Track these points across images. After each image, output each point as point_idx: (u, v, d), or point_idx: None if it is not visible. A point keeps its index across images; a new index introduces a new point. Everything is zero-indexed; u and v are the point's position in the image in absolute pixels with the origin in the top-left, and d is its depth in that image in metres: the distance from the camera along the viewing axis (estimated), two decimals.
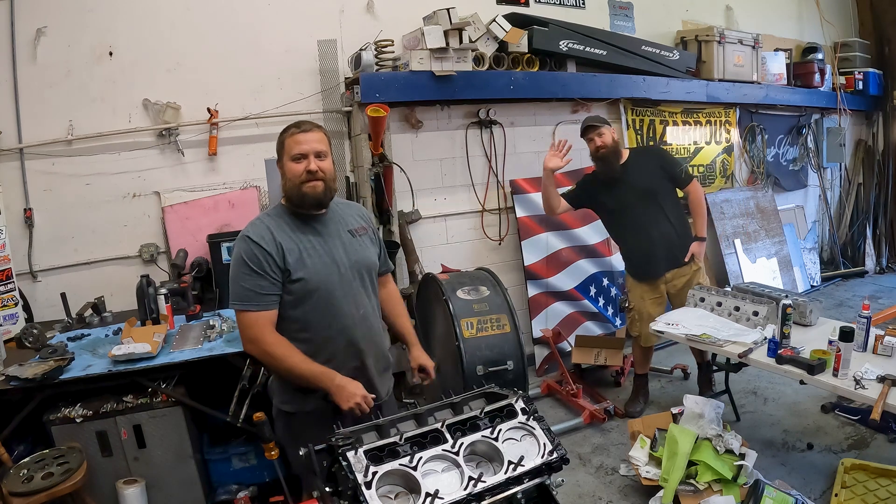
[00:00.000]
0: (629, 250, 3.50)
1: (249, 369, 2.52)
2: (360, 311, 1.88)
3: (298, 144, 1.78)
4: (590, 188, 3.49)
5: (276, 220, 1.82)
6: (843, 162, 6.65)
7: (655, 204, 3.31)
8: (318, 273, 1.79)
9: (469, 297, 3.21)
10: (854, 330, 2.41)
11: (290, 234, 1.80)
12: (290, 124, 1.85)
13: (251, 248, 1.75)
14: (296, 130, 1.80)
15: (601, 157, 3.30)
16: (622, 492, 2.85)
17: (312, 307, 1.80)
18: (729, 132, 5.48)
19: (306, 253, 1.79)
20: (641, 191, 3.29)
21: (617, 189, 3.32)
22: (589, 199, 3.50)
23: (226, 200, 3.63)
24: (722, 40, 4.99)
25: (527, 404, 1.59)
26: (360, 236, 1.94)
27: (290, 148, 1.80)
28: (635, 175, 3.30)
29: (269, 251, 1.74)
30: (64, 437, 2.42)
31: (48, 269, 3.35)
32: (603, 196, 3.41)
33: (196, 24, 3.51)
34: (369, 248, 1.96)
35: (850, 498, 2.55)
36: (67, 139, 3.30)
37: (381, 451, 1.39)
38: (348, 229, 1.92)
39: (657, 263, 3.38)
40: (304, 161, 1.78)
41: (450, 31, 3.60)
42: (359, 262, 1.89)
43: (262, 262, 1.74)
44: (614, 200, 3.36)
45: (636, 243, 3.40)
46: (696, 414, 2.78)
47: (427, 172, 4.05)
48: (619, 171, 3.30)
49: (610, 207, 3.43)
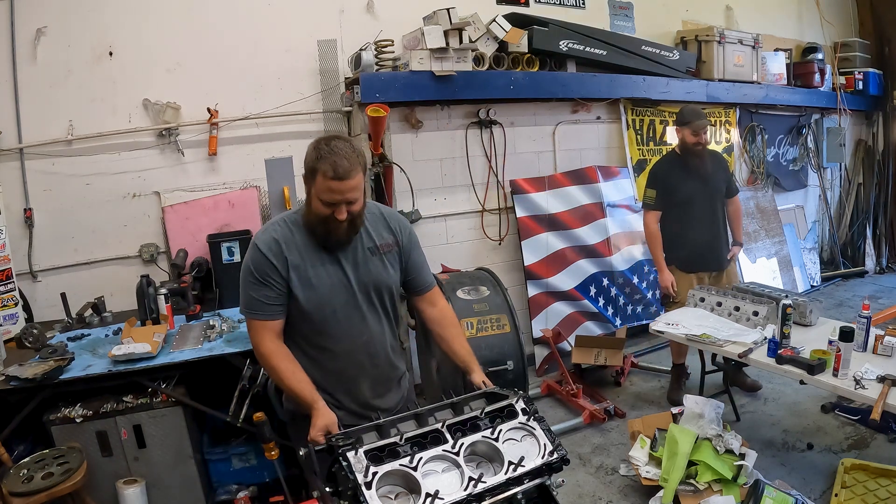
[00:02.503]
0: (687, 241, 3.54)
1: (249, 369, 2.52)
2: (363, 338, 1.82)
3: (331, 192, 1.63)
4: (666, 173, 3.57)
5: (290, 232, 1.75)
6: (843, 162, 6.65)
7: (719, 204, 3.57)
8: (321, 297, 1.74)
9: (469, 297, 3.21)
10: (854, 330, 2.41)
11: (301, 250, 1.74)
12: (326, 151, 1.62)
13: (257, 257, 1.72)
14: (332, 175, 1.60)
15: (697, 153, 3.44)
16: (622, 492, 2.85)
17: (311, 326, 1.78)
18: (729, 132, 5.48)
19: (313, 272, 1.74)
20: (712, 189, 3.50)
21: (693, 181, 3.46)
22: (662, 186, 3.56)
23: (226, 200, 3.63)
24: (722, 40, 4.99)
25: (527, 404, 1.58)
26: (383, 254, 1.83)
27: (321, 189, 1.64)
28: (711, 174, 3.50)
29: (275, 264, 1.71)
30: (64, 437, 2.42)
31: (48, 269, 3.35)
32: (676, 182, 3.50)
33: (196, 24, 3.51)
34: (387, 268, 1.84)
35: (850, 498, 2.55)
36: (67, 139, 3.30)
37: (382, 451, 1.39)
38: (368, 246, 1.81)
39: (711, 257, 3.57)
40: (333, 208, 1.65)
41: (450, 31, 3.60)
42: (370, 284, 1.80)
43: (267, 273, 1.71)
44: (687, 191, 3.48)
45: (697, 235, 3.52)
46: (696, 414, 2.78)
47: (427, 172, 4.05)
48: (706, 164, 3.48)
49: (680, 196, 3.50)
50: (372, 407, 1.84)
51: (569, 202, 4.44)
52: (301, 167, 1.74)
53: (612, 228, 4.60)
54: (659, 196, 3.53)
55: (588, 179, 4.56)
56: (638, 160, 4.89)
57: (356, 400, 1.85)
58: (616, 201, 4.70)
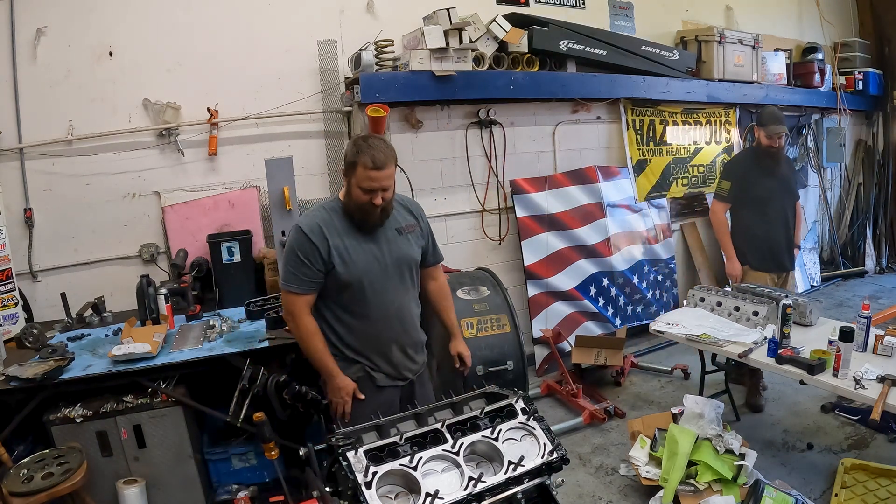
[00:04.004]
0: (762, 239, 3.55)
1: (249, 369, 2.52)
2: (395, 305, 2.10)
3: (370, 181, 1.91)
4: (744, 168, 3.59)
5: (329, 217, 2.02)
6: (843, 162, 6.65)
7: (789, 206, 3.61)
8: (358, 271, 2.01)
9: (469, 297, 3.21)
10: (854, 330, 2.41)
11: (340, 233, 2.01)
12: (365, 146, 1.92)
13: (301, 239, 1.97)
14: (371, 166, 1.89)
15: (770, 154, 3.47)
16: (622, 492, 2.85)
17: (350, 297, 2.03)
18: (729, 132, 5.47)
19: (353, 250, 2.01)
20: (785, 190, 3.53)
21: (768, 181, 3.49)
22: (738, 180, 3.57)
23: (226, 200, 3.63)
24: (722, 40, 4.99)
25: (527, 404, 1.59)
26: (408, 234, 2.13)
27: (361, 178, 1.92)
28: (786, 174, 3.54)
29: (317, 245, 1.96)
30: (64, 437, 2.42)
31: (48, 269, 3.35)
32: (754, 179, 3.51)
33: (196, 24, 3.51)
34: (412, 246, 2.14)
35: (850, 498, 2.55)
36: (67, 139, 3.30)
37: (382, 451, 1.39)
38: (396, 227, 2.10)
39: (782, 257, 3.59)
40: (370, 194, 1.93)
41: (450, 31, 3.60)
42: (400, 259, 2.09)
43: (309, 253, 1.96)
44: (763, 189, 3.50)
45: (772, 234, 3.53)
46: (696, 414, 2.78)
47: (427, 172, 4.05)
48: (781, 166, 3.51)
49: (755, 193, 3.53)
50: (404, 368, 2.15)
51: (569, 202, 4.44)
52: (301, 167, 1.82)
53: (612, 228, 4.60)
54: (733, 189, 3.57)
55: (588, 179, 4.56)
56: (638, 160, 4.89)
57: (390, 363, 2.12)
58: (616, 201, 4.70)
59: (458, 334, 2.39)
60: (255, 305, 2.98)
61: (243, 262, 3.39)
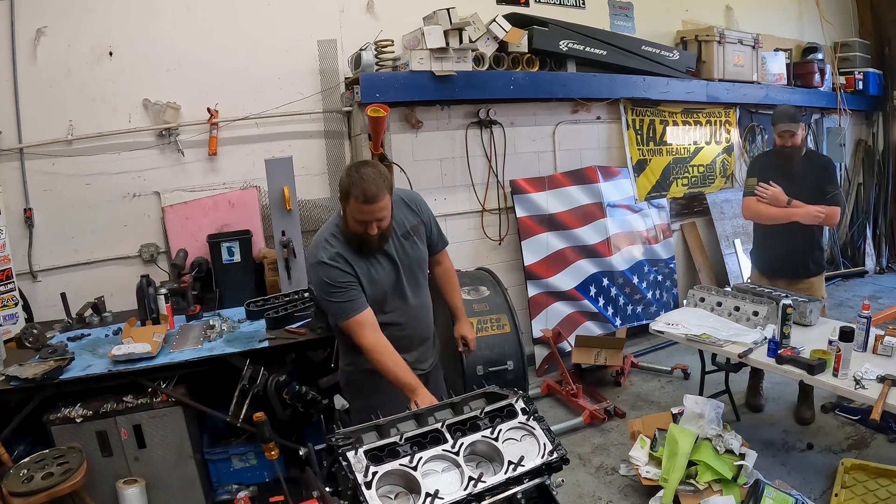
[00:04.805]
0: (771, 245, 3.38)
1: (249, 369, 2.52)
2: (415, 305, 2.18)
3: (362, 213, 1.91)
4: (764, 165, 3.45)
5: (340, 246, 2.01)
6: (843, 162, 6.64)
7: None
8: (383, 286, 2.07)
9: (469, 297, 3.21)
10: (854, 330, 2.41)
11: (357, 258, 2.02)
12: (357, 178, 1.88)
13: (329, 270, 1.97)
14: (362, 199, 1.88)
15: (784, 153, 3.32)
16: (622, 492, 2.85)
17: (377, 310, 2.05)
18: (729, 132, 5.48)
19: (373, 269, 2.05)
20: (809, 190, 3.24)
21: (785, 180, 3.30)
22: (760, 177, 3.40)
23: (226, 200, 3.63)
24: (722, 40, 4.99)
25: (527, 404, 1.59)
26: (413, 235, 2.14)
27: (354, 211, 1.92)
28: (805, 174, 3.31)
29: (347, 270, 1.98)
30: (64, 437, 2.42)
31: (48, 269, 3.35)
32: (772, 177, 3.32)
33: (196, 24, 3.51)
34: (420, 246, 2.17)
35: (850, 498, 2.55)
36: (67, 139, 3.30)
37: (381, 451, 1.39)
38: (402, 233, 2.11)
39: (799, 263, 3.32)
40: (365, 225, 1.95)
41: (450, 31, 3.60)
42: (412, 262, 2.14)
43: (342, 276, 1.97)
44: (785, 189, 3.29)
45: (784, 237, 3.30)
46: (696, 414, 2.78)
47: (427, 172, 4.04)
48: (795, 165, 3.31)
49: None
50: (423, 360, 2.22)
51: (569, 202, 4.44)
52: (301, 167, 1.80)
53: (612, 228, 4.60)
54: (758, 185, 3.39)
55: (588, 179, 4.56)
56: (638, 160, 4.89)
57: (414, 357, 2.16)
58: (616, 201, 4.70)
59: (464, 317, 2.43)
60: (255, 305, 2.99)
61: (243, 262, 3.39)
